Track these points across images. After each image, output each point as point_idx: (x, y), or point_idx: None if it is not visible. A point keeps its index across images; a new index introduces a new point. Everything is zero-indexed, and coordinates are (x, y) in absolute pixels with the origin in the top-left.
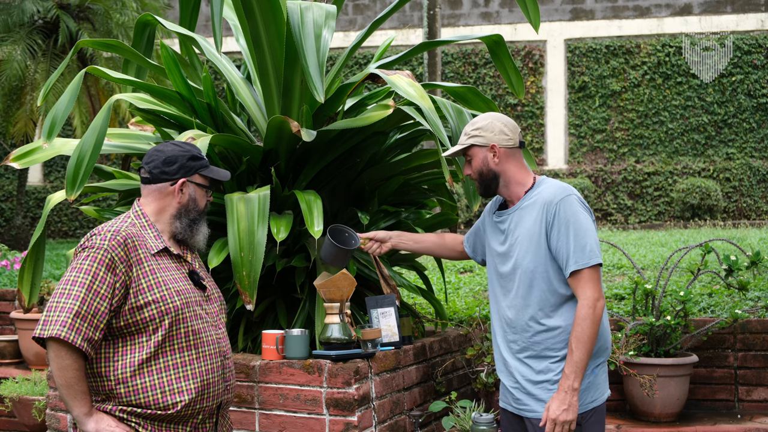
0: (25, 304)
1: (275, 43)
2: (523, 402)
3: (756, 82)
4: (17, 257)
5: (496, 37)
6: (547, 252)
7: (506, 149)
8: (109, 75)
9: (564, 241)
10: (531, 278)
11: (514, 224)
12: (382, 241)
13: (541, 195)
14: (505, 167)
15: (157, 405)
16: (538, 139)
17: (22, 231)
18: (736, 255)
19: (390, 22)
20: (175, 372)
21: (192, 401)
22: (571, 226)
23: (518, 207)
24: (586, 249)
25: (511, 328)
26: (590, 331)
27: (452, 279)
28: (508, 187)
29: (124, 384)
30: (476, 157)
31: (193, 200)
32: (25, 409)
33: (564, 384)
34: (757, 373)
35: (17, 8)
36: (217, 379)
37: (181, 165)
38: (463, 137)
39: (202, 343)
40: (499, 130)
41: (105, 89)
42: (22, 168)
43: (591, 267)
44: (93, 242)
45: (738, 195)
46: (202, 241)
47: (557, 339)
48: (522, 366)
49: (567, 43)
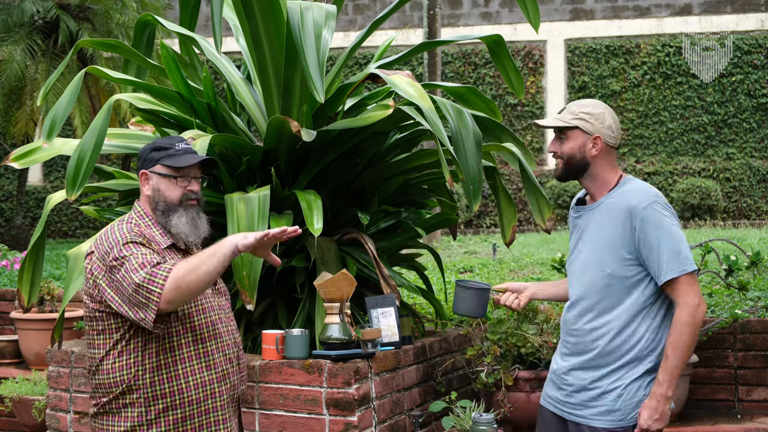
0: (25, 304)
1: (275, 43)
2: (573, 405)
3: (756, 82)
4: (17, 257)
5: (496, 37)
6: (623, 257)
7: (606, 145)
8: (109, 75)
9: (656, 249)
10: (601, 280)
11: (591, 222)
12: (518, 291)
13: (624, 197)
14: (598, 161)
15: (182, 395)
16: (538, 139)
17: (22, 231)
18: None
19: (390, 22)
20: (198, 362)
21: (214, 392)
22: (661, 233)
23: (598, 205)
24: (681, 255)
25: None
26: (689, 338)
27: (452, 279)
28: (593, 181)
29: (150, 374)
30: (574, 140)
31: (157, 191)
32: (25, 409)
33: (657, 392)
34: (757, 373)
35: (17, 8)
36: (234, 368)
37: (144, 158)
38: (566, 114)
39: (220, 334)
40: (608, 125)
41: (105, 89)
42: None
43: (688, 273)
44: (114, 239)
45: (738, 195)
46: (185, 233)
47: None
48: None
49: (567, 43)
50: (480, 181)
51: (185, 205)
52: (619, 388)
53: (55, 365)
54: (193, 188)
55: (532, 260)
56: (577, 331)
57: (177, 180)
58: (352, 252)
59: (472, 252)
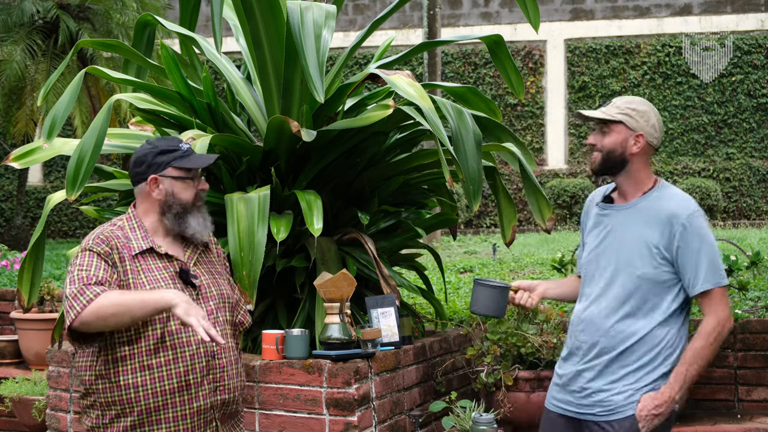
0: (25, 304)
1: (275, 43)
2: (587, 406)
3: (756, 82)
4: (17, 257)
5: (496, 37)
6: (657, 262)
7: (647, 144)
8: (109, 75)
9: (694, 258)
10: (631, 282)
11: (621, 221)
12: (530, 289)
13: (665, 203)
14: (636, 159)
15: (131, 404)
16: (538, 139)
17: (22, 231)
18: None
19: (390, 22)
20: (150, 373)
21: (169, 402)
22: (702, 244)
23: (631, 205)
24: (718, 268)
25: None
26: (711, 350)
27: (452, 279)
28: (627, 179)
29: (102, 381)
30: (617, 135)
31: (171, 194)
32: (25, 409)
33: (665, 391)
34: (757, 373)
35: (17, 8)
36: (200, 379)
37: (149, 163)
38: (611, 108)
39: (180, 344)
40: (652, 124)
41: (105, 89)
42: (22, 168)
43: (723, 287)
44: (83, 245)
45: (738, 195)
46: (200, 232)
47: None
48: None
49: (567, 43)
50: (480, 181)
51: (197, 206)
52: (633, 389)
53: (55, 365)
54: (205, 187)
55: (532, 260)
56: (597, 331)
57: (191, 181)
58: (352, 252)
59: (472, 252)
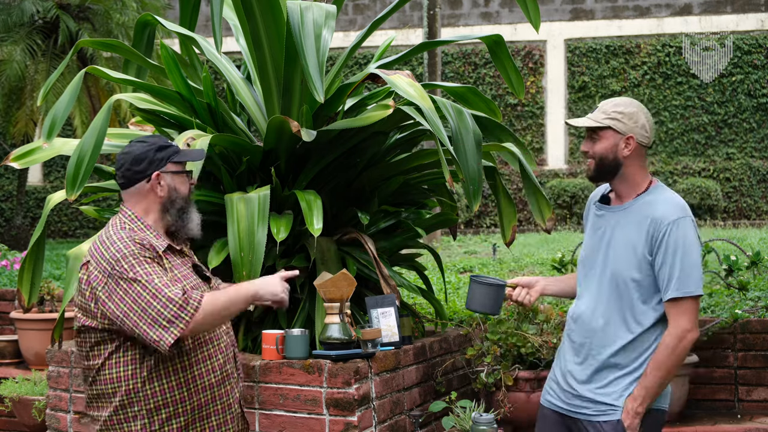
0: (25, 304)
1: (275, 43)
2: (578, 405)
3: (756, 82)
4: (17, 257)
5: (496, 37)
6: (645, 265)
7: (639, 145)
8: (109, 75)
9: (669, 264)
10: (624, 284)
11: (615, 224)
12: (529, 286)
13: (652, 206)
14: (630, 161)
15: (184, 402)
16: (538, 139)
17: (22, 231)
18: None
19: (390, 22)
20: (200, 367)
21: (216, 394)
22: (679, 251)
23: (624, 207)
24: (692, 278)
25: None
26: (671, 362)
27: (452, 279)
28: (623, 182)
29: (151, 384)
30: (607, 140)
31: (173, 189)
32: (25, 409)
33: (629, 405)
34: (757, 373)
35: (17, 8)
36: (233, 367)
37: (150, 160)
38: (599, 113)
39: (219, 335)
40: (641, 124)
41: (105, 89)
42: (22, 168)
43: (692, 297)
44: (117, 249)
45: (738, 195)
46: (196, 228)
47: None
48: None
49: (567, 43)
50: (480, 181)
51: (190, 201)
52: (620, 393)
53: (55, 365)
54: (194, 182)
55: (532, 260)
56: (587, 333)
57: (185, 176)
58: (352, 252)
59: (472, 252)
